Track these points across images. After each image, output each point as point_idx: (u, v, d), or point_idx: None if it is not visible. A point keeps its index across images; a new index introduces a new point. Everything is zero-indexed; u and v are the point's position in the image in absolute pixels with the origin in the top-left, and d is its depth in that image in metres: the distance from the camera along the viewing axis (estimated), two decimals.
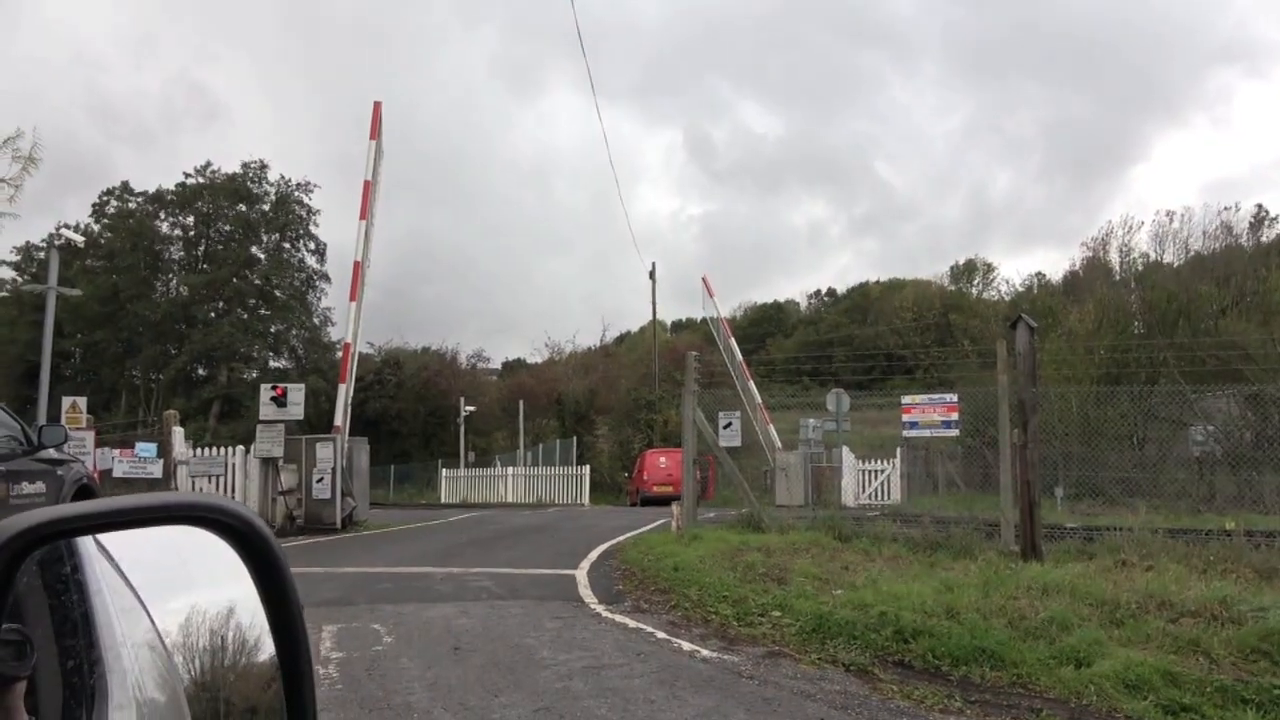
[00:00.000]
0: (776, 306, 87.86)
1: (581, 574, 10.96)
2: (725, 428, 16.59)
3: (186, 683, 1.09)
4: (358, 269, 20.68)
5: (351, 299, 20.57)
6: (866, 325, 69.48)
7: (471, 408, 43.96)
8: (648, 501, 28.82)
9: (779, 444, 28.28)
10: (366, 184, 21.26)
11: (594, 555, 12.84)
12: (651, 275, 41.82)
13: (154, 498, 1.00)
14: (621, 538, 15.16)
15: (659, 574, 10.22)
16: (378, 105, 22.44)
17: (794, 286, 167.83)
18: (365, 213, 21.06)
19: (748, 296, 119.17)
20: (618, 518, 21.24)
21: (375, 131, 22.10)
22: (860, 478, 24.85)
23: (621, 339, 64.94)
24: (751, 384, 32.48)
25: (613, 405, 44.30)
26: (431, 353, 55.60)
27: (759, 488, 22.42)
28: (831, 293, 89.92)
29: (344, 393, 19.75)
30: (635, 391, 42.22)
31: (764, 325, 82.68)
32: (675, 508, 15.18)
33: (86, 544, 1.06)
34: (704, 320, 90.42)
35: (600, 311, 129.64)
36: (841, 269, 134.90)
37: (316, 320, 52.96)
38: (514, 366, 65.31)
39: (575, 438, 37.22)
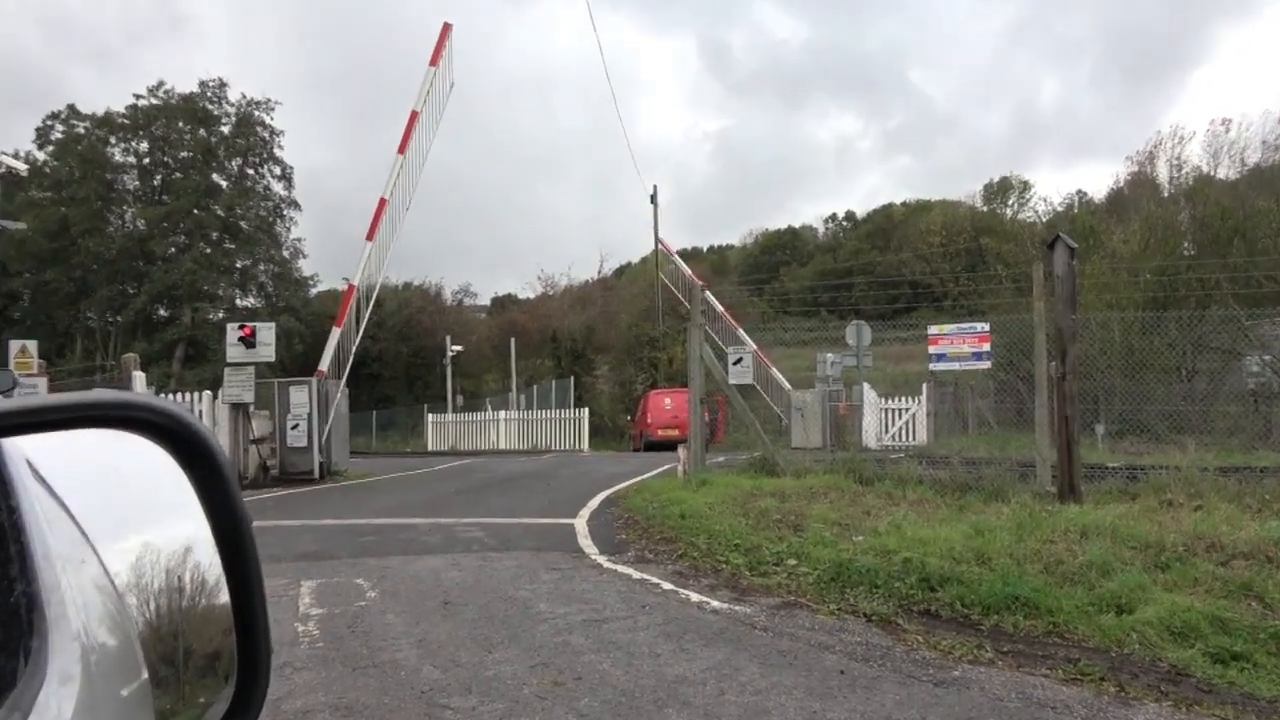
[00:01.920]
0: (791, 233, 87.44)
1: (580, 523, 11.06)
2: (735, 364, 16.67)
3: (140, 627, 1.08)
4: (382, 207, 20.55)
5: (369, 238, 20.50)
6: (890, 252, 69.19)
7: (458, 348, 44.05)
8: (652, 446, 28.97)
9: (787, 386, 28.31)
10: (413, 115, 21.03)
11: (594, 503, 12.97)
12: (653, 199, 41.35)
13: (73, 396, 0.97)
14: (624, 484, 15.32)
15: (665, 522, 10.34)
16: (446, 28, 21.93)
17: (815, 211, 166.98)
18: (405, 146, 20.83)
19: (761, 223, 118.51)
20: (620, 463, 21.40)
21: (437, 57, 21.70)
22: (883, 417, 24.91)
23: (621, 271, 64.74)
24: (742, 333, 32.41)
25: (613, 342, 44.25)
26: (414, 289, 55.48)
27: (773, 430, 22.50)
28: (851, 217, 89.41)
29: (335, 336, 19.78)
30: (637, 327, 42.10)
31: (777, 253, 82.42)
32: (681, 451, 15.35)
33: (16, 465, 1.04)
34: (710, 249, 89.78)
35: (599, 242, 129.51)
36: (869, 191, 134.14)
37: (286, 253, 52.71)
38: (504, 303, 65.33)
39: (572, 378, 37.31)
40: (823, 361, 23.73)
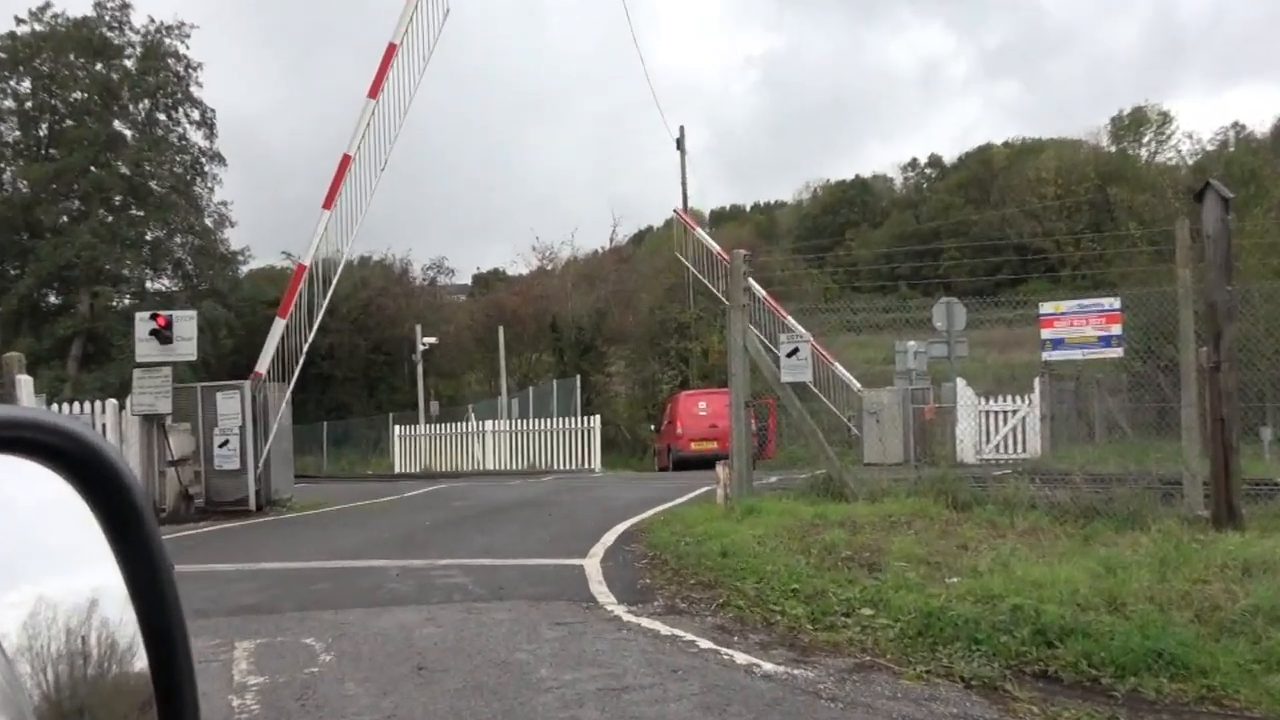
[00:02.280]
0: (860, 185, 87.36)
1: (592, 564, 11.10)
2: (790, 356, 16.48)
3: (36, 701, 1.09)
4: (345, 166, 20.45)
5: (326, 205, 20.42)
6: (989, 207, 68.86)
7: (431, 340, 44.21)
8: (683, 464, 29.17)
9: (856, 385, 28.22)
10: (391, 49, 20.90)
11: (609, 538, 13.02)
12: (679, 144, 41.39)
13: None
14: (647, 514, 15.37)
15: (701, 562, 10.38)
16: None
17: (891, 156, 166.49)
18: (377, 89, 20.76)
19: (821, 173, 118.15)
20: (641, 487, 21.32)
21: None
22: (983, 422, 24.82)
23: (640, 238, 64.82)
24: (791, 321, 32.34)
25: (630, 331, 44.26)
26: (374, 265, 55.63)
27: (839, 442, 22.36)
28: (938, 164, 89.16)
29: (279, 329, 19.78)
30: (662, 310, 42.10)
31: (842, 212, 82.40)
32: (721, 470, 15.28)
33: None
34: (755, 208, 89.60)
35: (611, 202, 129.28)
36: (962, 130, 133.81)
37: (209, 221, 53.03)
38: (489, 281, 65.47)
39: (579, 377, 37.44)
40: (903, 352, 23.62)
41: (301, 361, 19.90)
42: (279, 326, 19.84)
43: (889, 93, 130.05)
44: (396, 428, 39.40)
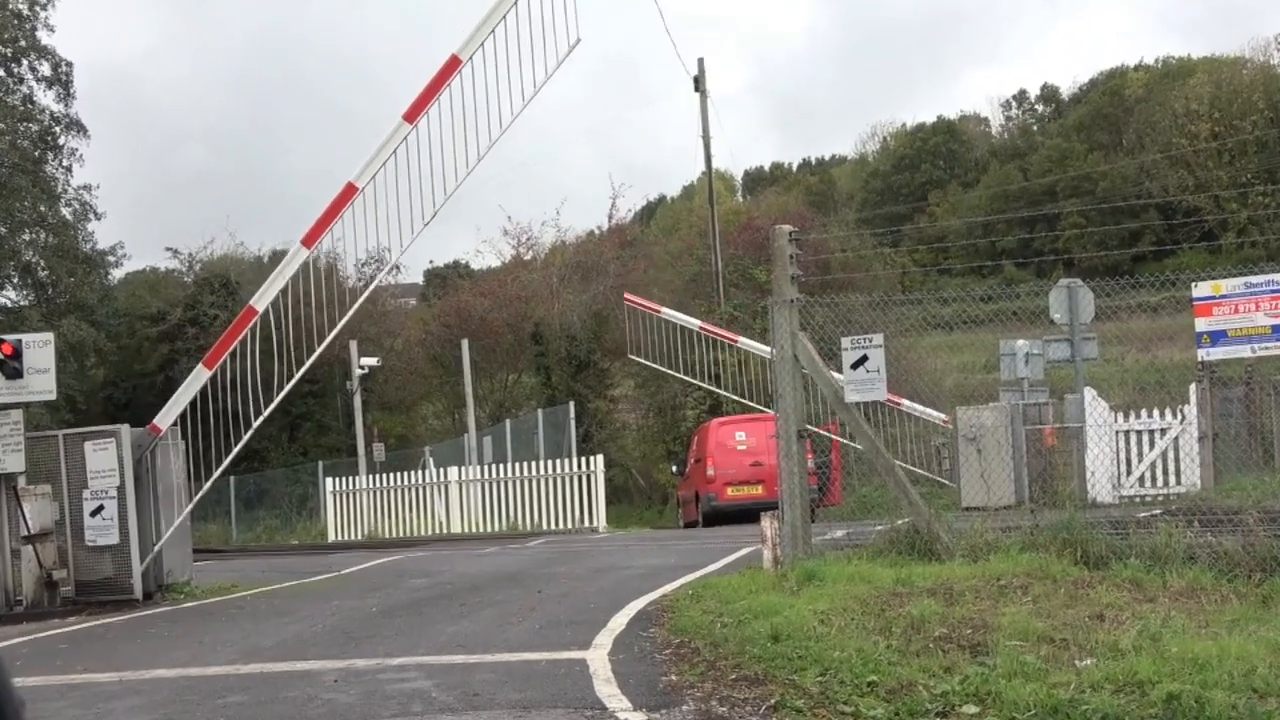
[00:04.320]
0: (946, 130, 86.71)
1: (598, 657, 11.01)
2: (855, 366, 16.32)
3: None
4: (345, 198, 20.11)
5: (305, 243, 20.44)
6: (1121, 154, 68.46)
7: (372, 361, 43.85)
8: (718, 517, 29.14)
9: (935, 415, 27.97)
10: (452, 62, 19.99)
11: (620, 621, 12.98)
12: (698, 85, 41.28)
13: None
14: (671, 586, 15.32)
15: (745, 649, 10.27)
16: None
17: (986, 89, 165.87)
18: (416, 113, 19.93)
19: (891, 116, 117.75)
20: (662, 550, 21.30)
21: None
22: (1121, 445, 24.33)
23: (649, 212, 64.55)
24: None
25: (641, 337, 44.07)
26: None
27: (927, 483, 22.48)
28: (1050, 97, 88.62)
29: (200, 380, 19.77)
30: (684, 309, 41.83)
31: (922, 166, 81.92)
32: (769, 524, 15.23)
33: None
34: (805, 166, 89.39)
35: (609, 166, 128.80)
36: (1083, 51, 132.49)
37: (66, 210, 52.71)
38: (447, 277, 65.17)
39: (573, 404, 37.23)
40: (1009, 355, 23.61)
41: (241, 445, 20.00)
42: (199, 377, 19.76)
43: (981, 6, 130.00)
44: (329, 481, 39.04)
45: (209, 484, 20.26)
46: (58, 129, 52.53)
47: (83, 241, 52.65)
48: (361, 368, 42.66)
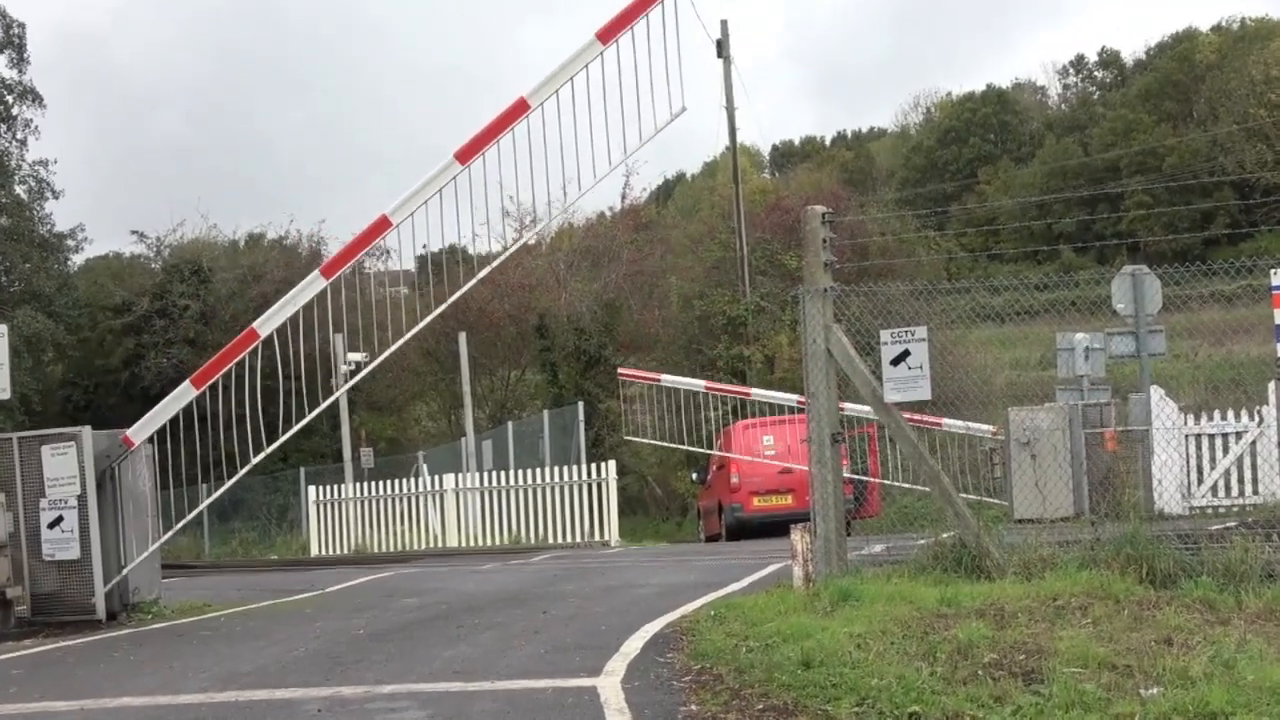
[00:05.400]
0: (997, 99, 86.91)
1: (610, 684, 10.88)
2: (896, 362, 16.04)
3: None
4: (376, 230, 20.14)
5: (325, 273, 20.38)
6: (1192, 125, 67.98)
7: (359, 356, 43.23)
8: (742, 529, 29.64)
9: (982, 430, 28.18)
10: (519, 105, 19.10)
11: (634, 645, 12.96)
12: (721, 50, 40.61)
13: None
14: (690, 606, 15.41)
15: (773, 676, 10.22)
16: None
17: (1041, 55, 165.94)
18: (470, 154, 19.19)
19: (936, 85, 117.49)
20: (680, 566, 22.04)
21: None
22: (1191, 450, 24.53)
23: (667, 191, 64.37)
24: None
25: (657, 332, 43.84)
26: (269, 245, 55.21)
27: (975, 492, 22.53)
28: (1112, 63, 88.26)
29: (185, 398, 19.38)
30: (703, 300, 41.48)
31: (970, 140, 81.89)
32: (798, 538, 15.21)
33: None
34: (840, 140, 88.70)
35: (621, 142, 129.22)
36: (1148, 12, 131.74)
37: (20, 189, 52.90)
38: (443, 264, 65.07)
39: (582, 405, 37.46)
40: (1068, 350, 23.41)
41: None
42: (185, 393, 19.45)
43: None
44: (312, 489, 39.26)
45: (191, 515, 20.40)
46: (10, 98, 53.22)
47: (39, 223, 53.54)
48: (348, 364, 42.36)
